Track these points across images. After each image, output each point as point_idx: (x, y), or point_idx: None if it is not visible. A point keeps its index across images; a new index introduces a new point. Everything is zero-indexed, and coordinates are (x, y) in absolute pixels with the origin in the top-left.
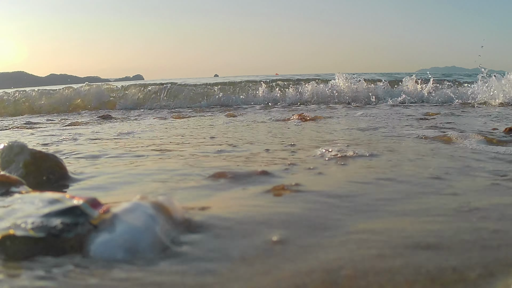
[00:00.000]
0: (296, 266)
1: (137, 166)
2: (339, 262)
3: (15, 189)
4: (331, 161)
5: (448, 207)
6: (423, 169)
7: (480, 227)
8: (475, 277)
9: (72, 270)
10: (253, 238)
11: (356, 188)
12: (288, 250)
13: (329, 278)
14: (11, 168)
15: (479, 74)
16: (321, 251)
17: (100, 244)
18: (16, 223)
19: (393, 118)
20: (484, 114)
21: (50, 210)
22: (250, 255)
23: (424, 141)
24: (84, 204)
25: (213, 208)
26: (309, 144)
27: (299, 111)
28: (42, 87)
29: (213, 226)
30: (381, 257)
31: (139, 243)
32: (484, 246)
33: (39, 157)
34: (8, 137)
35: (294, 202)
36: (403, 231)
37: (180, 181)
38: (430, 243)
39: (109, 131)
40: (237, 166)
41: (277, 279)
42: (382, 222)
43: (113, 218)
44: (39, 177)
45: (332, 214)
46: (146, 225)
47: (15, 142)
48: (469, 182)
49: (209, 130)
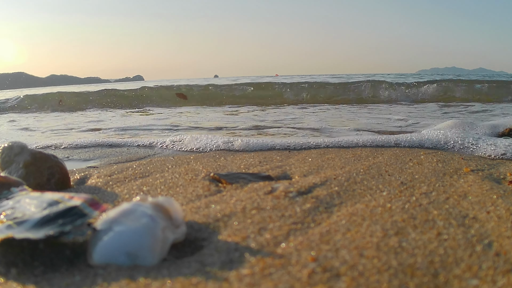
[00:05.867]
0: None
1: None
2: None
3: (15, 190)
4: None
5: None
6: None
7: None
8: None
9: (72, 273)
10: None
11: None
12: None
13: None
14: (11, 168)
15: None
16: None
17: (100, 248)
18: (15, 224)
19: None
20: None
21: (50, 212)
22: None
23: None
24: (83, 204)
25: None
26: None
27: None
28: (43, 87)
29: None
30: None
31: (139, 247)
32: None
33: (39, 157)
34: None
35: None
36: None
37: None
38: None
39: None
40: None
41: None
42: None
43: (113, 219)
44: (39, 177)
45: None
46: (146, 227)
47: (15, 142)
48: None
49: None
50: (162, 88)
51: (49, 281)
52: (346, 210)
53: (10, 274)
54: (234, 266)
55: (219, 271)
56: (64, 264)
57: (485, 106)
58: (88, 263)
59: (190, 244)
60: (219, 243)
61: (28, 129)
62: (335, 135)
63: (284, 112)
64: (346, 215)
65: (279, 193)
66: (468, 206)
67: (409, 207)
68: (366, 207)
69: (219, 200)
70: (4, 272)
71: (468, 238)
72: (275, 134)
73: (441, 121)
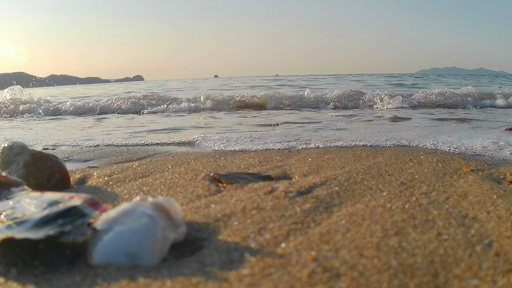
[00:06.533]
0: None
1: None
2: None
3: (15, 190)
4: None
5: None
6: None
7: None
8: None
9: (72, 273)
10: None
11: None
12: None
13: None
14: (11, 168)
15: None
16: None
17: (100, 248)
18: (15, 224)
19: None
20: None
21: (50, 212)
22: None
23: None
24: (83, 204)
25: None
26: None
27: None
28: (43, 87)
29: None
30: None
31: (139, 247)
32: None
33: (39, 157)
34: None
35: None
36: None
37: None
38: None
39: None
40: None
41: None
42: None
43: (113, 219)
44: (39, 177)
45: None
46: (146, 227)
47: (15, 142)
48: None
49: None
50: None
51: (49, 281)
52: (346, 210)
53: (10, 274)
54: (234, 266)
55: (219, 271)
56: (64, 264)
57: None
58: (88, 263)
59: (190, 244)
60: (219, 243)
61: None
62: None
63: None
64: (346, 215)
65: (279, 193)
66: (468, 206)
67: (409, 207)
68: (366, 207)
69: (219, 200)
70: (4, 272)
71: (468, 238)
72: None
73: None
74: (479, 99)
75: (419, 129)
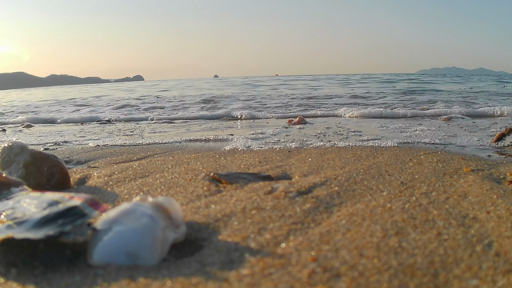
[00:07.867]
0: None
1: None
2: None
3: (15, 190)
4: None
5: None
6: None
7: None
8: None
9: (72, 273)
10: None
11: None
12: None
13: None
14: (11, 168)
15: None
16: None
17: (100, 248)
18: (15, 224)
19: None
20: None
21: (50, 212)
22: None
23: None
24: (83, 204)
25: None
26: None
27: None
28: (44, 87)
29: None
30: None
31: (139, 247)
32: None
33: (39, 157)
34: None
35: None
36: None
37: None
38: None
39: None
40: None
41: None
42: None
43: (113, 219)
44: (39, 177)
45: None
46: (146, 227)
47: (15, 142)
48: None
49: None
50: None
51: (49, 281)
52: (346, 210)
53: (10, 274)
54: (234, 266)
55: (219, 271)
56: (64, 264)
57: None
58: (88, 263)
59: (190, 244)
60: (219, 243)
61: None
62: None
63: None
64: (346, 215)
65: (279, 193)
66: (468, 206)
67: (409, 207)
68: (366, 207)
69: (219, 200)
70: (4, 272)
71: (468, 238)
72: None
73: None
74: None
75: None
